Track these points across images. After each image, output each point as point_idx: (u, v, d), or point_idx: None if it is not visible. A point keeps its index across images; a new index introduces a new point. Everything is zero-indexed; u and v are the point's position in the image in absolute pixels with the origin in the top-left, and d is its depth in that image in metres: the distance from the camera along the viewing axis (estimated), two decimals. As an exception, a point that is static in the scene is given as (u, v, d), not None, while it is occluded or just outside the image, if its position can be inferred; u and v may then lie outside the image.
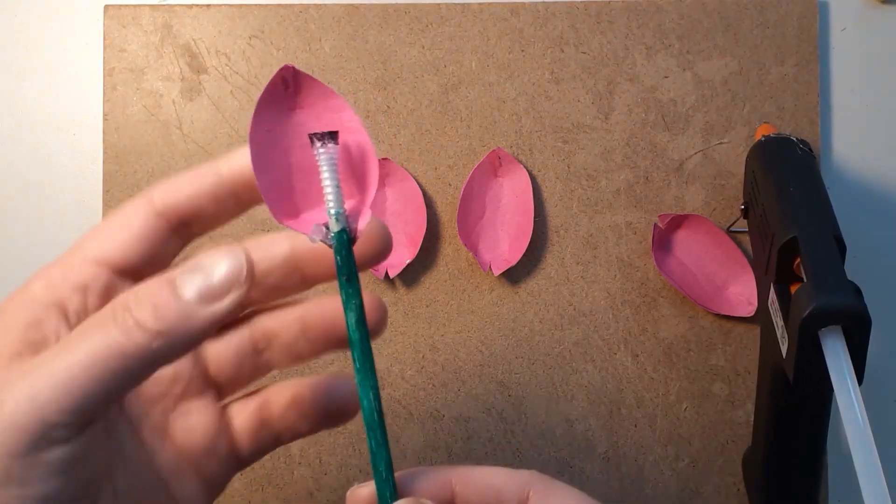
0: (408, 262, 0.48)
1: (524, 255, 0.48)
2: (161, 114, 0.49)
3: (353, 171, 0.26)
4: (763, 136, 0.44)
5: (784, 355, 0.36)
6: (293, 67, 0.26)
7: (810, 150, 0.43)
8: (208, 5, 0.50)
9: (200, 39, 0.50)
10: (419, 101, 0.49)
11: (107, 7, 0.49)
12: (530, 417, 0.49)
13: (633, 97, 0.49)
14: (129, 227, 0.26)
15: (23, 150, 0.50)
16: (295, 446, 0.48)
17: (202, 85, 0.49)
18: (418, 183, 0.49)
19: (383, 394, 0.48)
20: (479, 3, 0.49)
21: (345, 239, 0.25)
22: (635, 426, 0.49)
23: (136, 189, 0.49)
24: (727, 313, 0.48)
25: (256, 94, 0.49)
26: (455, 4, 0.49)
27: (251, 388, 0.30)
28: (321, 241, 0.25)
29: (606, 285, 0.49)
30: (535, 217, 0.48)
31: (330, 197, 0.25)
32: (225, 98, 0.49)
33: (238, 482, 0.48)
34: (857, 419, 0.32)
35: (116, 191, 0.49)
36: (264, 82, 0.49)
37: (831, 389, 0.33)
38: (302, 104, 0.27)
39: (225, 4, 0.50)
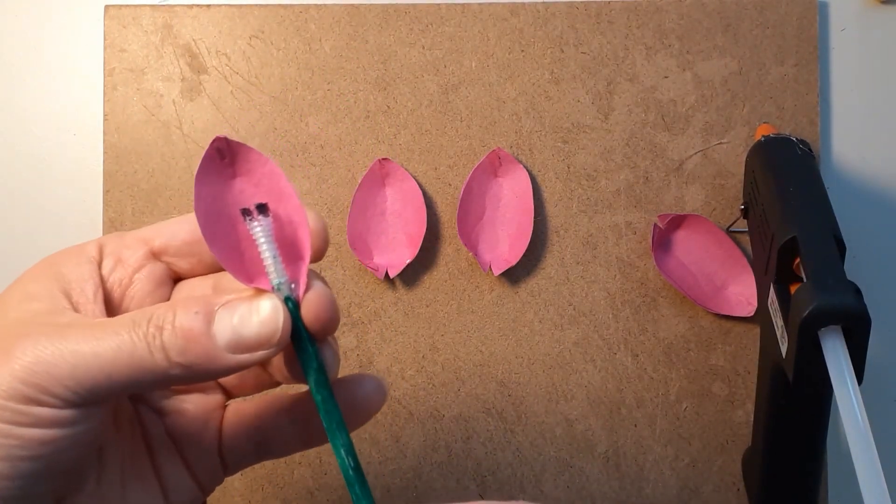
0: (408, 262, 0.48)
1: (524, 255, 0.48)
2: (161, 114, 0.49)
3: (290, 235, 0.27)
4: (763, 136, 0.44)
5: (784, 355, 0.36)
6: (226, 138, 0.26)
7: (810, 150, 0.43)
8: (208, 5, 0.50)
9: (201, 39, 0.50)
10: (419, 101, 0.49)
11: (107, 7, 0.49)
12: (530, 417, 0.49)
13: (633, 97, 0.49)
14: (183, 221, 0.28)
15: (23, 150, 0.50)
16: (295, 446, 0.48)
17: (202, 85, 0.49)
18: (418, 183, 0.49)
19: (383, 394, 0.48)
20: (479, 3, 0.49)
21: (290, 307, 0.25)
22: (635, 426, 0.49)
23: (136, 189, 0.49)
24: (727, 313, 0.48)
25: (257, 95, 0.49)
26: (455, 4, 0.49)
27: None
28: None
29: (606, 285, 0.49)
30: (535, 217, 0.48)
31: (270, 269, 0.25)
32: (225, 98, 0.49)
33: (238, 482, 0.48)
34: (857, 419, 0.32)
35: (116, 191, 0.49)
36: (265, 82, 0.49)
37: (831, 389, 0.33)
38: (240, 172, 0.27)
39: (225, 4, 0.50)
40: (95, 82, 0.50)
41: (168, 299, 0.28)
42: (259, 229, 0.25)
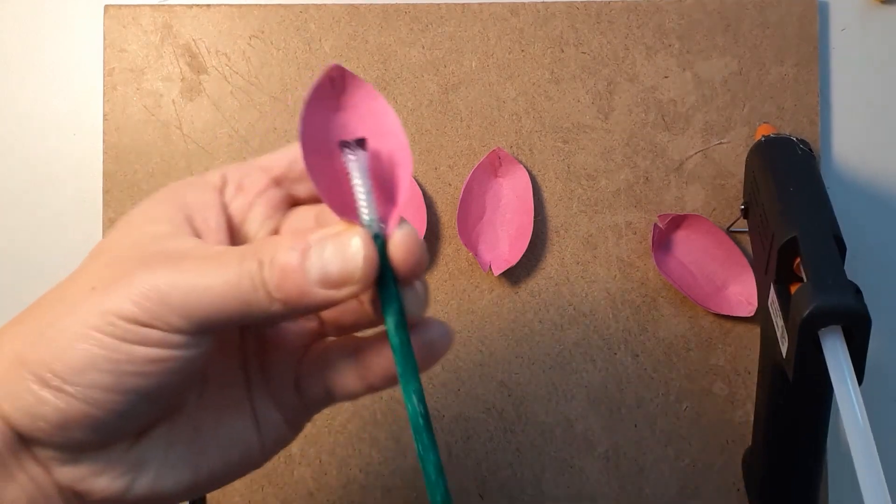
0: (408, 262, 0.48)
1: (524, 255, 0.48)
2: (161, 114, 0.49)
3: (388, 174, 0.26)
4: (763, 136, 0.44)
5: (784, 355, 0.36)
6: (340, 67, 0.26)
7: (810, 150, 0.43)
8: (208, 5, 0.50)
9: (200, 39, 0.50)
10: (419, 101, 0.49)
11: (107, 7, 0.49)
12: (530, 417, 0.49)
13: (633, 97, 0.49)
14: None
15: (23, 150, 0.50)
16: (295, 446, 0.48)
17: (202, 85, 0.49)
18: (418, 183, 0.49)
19: (384, 394, 0.48)
20: (479, 3, 0.49)
21: (378, 244, 0.25)
22: (635, 426, 0.49)
23: (135, 189, 0.49)
24: (727, 313, 0.48)
25: (257, 95, 0.49)
26: (455, 4, 0.49)
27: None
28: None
29: (606, 285, 0.49)
30: (535, 217, 0.48)
31: (362, 204, 0.25)
32: (225, 98, 0.49)
33: (238, 481, 0.48)
34: (857, 419, 0.32)
35: (116, 191, 0.49)
36: (265, 82, 0.49)
37: (831, 389, 0.33)
38: (346, 105, 0.27)
39: (225, 4, 0.50)
40: (95, 82, 0.50)
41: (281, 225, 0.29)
42: (354, 163, 0.25)
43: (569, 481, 0.48)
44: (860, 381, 0.33)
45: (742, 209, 0.45)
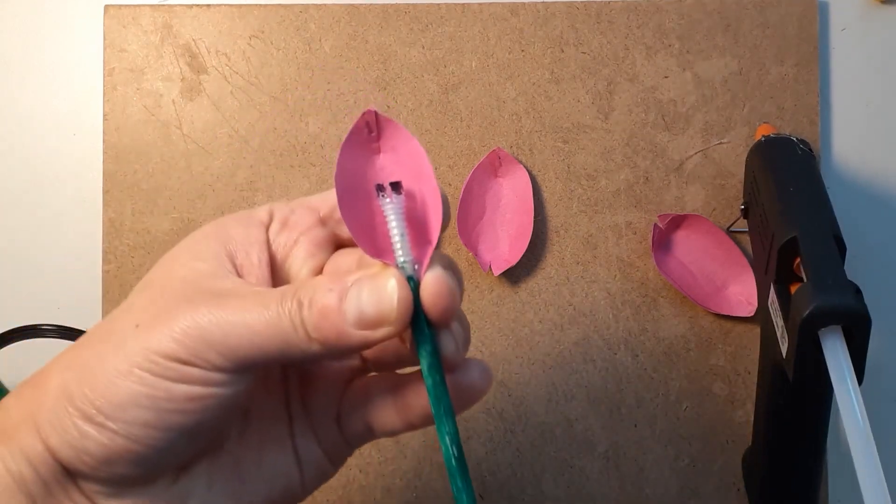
0: (408, 262, 0.48)
1: (524, 255, 0.48)
2: (161, 114, 0.49)
3: (422, 216, 0.27)
4: (763, 136, 0.44)
5: (784, 355, 0.36)
6: (375, 112, 0.27)
7: (810, 150, 0.43)
8: (208, 5, 0.50)
9: (200, 39, 0.50)
10: (419, 101, 0.49)
11: (107, 7, 0.49)
12: (530, 417, 0.49)
13: (633, 97, 0.49)
14: None
15: (23, 150, 0.50)
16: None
17: (202, 85, 0.49)
18: (418, 183, 0.49)
19: (383, 394, 0.48)
20: (479, 3, 0.49)
21: (412, 286, 0.25)
22: (635, 426, 0.49)
23: (135, 189, 0.49)
24: (727, 313, 0.48)
25: (257, 95, 0.49)
26: (455, 4, 0.49)
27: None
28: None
29: (606, 285, 0.49)
30: (535, 217, 0.48)
31: (397, 246, 0.26)
32: (225, 98, 0.49)
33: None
34: (857, 419, 0.32)
35: (116, 191, 0.49)
36: (265, 82, 0.49)
37: (831, 389, 0.33)
38: (381, 148, 0.27)
39: (225, 4, 0.50)
40: (95, 82, 0.50)
41: (324, 264, 0.29)
42: (390, 206, 0.26)
43: (569, 481, 0.48)
44: (860, 381, 0.33)
45: (742, 209, 0.45)
